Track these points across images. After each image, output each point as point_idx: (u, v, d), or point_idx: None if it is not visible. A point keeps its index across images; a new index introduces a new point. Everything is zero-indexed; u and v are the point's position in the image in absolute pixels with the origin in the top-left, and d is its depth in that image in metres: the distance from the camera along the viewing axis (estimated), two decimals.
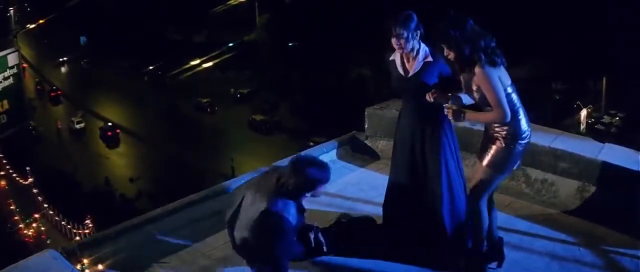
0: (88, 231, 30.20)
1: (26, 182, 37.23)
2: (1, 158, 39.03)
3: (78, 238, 26.18)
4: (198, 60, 51.95)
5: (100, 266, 4.90)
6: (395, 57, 4.70)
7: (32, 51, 60.35)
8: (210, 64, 52.10)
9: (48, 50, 59.87)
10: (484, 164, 4.34)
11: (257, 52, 52.16)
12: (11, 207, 34.74)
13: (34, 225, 33.68)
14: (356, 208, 5.48)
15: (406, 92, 4.74)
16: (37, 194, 35.71)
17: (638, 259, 4.78)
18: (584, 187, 5.57)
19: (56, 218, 33.83)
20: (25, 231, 33.18)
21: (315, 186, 4.25)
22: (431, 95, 4.43)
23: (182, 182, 35.60)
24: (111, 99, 52.07)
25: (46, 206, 34.75)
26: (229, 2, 54.04)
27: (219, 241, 5.13)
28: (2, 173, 38.77)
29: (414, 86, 4.59)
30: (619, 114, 34.58)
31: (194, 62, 51.83)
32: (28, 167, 37.54)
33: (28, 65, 53.18)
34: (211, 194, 5.77)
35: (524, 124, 4.26)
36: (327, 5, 44.48)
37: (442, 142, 4.64)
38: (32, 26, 60.27)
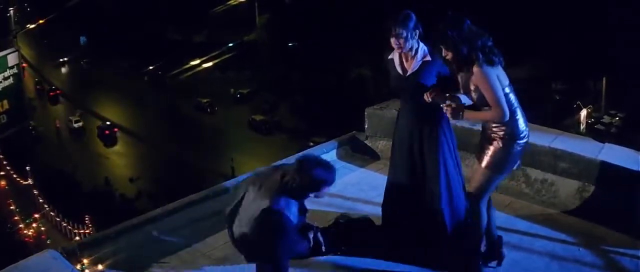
0: (88, 231, 30.20)
1: (26, 182, 37.23)
2: (1, 158, 39.01)
3: (78, 238, 26.18)
4: (198, 61, 51.91)
5: (100, 266, 4.90)
6: (394, 56, 4.70)
7: (32, 51, 60.32)
8: (210, 64, 52.06)
9: (48, 50, 59.84)
10: (483, 165, 4.34)
11: (257, 52, 52.12)
12: (11, 207, 34.74)
13: (34, 225, 33.69)
14: (356, 208, 5.48)
15: (404, 91, 4.74)
16: (37, 194, 35.70)
17: (638, 259, 4.78)
18: (584, 187, 5.58)
19: (56, 218, 33.83)
20: (25, 231, 33.19)
21: (320, 187, 4.23)
22: (429, 94, 4.44)
23: (182, 182, 35.63)
24: (111, 99, 52.05)
25: (46, 206, 34.75)
26: (229, 2, 53.99)
27: (219, 241, 5.13)
28: (2, 173, 38.76)
29: (412, 85, 4.59)
30: (619, 114, 34.55)
31: (194, 62, 51.78)
32: (28, 167, 37.54)
33: (28, 65, 53.11)
34: (211, 194, 5.77)
35: (522, 124, 4.26)
36: (327, 5, 44.43)
37: (441, 142, 4.65)
38: (32, 26, 60.19)
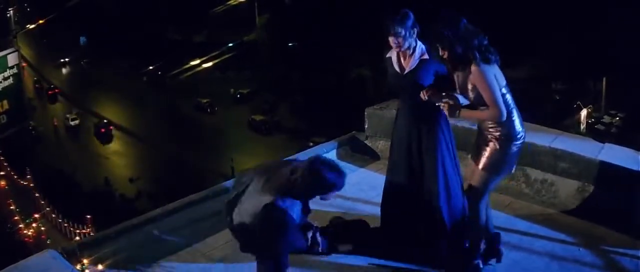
0: (88, 231, 30.19)
1: (26, 183, 37.22)
2: (1, 158, 38.99)
3: (78, 238, 26.16)
4: (198, 61, 51.88)
5: (100, 266, 4.90)
6: (392, 54, 4.70)
7: (32, 51, 60.29)
8: (210, 64, 52.04)
9: (48, 50, 59.84)
10: (480, 167, 4.34)
11: (257, 52, 52.12)
12: (11, 208, 34.72)
13: (33, 225, 33.67)
14: (356, 208, 5.48)
15: (402, 90, 4.74)
16: (37, 194, 35.69)
17: (638, 259, 4.78)
18: (584, 187, 5.57)
19: (56, 218, 33.82)
20: (25, 231, 33.18)
21: (328, 190, 4.20)
22: (425, 93, 4.43)
23: (182, 182, 35.65)
24: (111, 99, 52.06)
25: (46, 206, 34.74)
26: (229, 2, 53.99)
27: (219, 241, 5.13)
28: (2, 173, 38.75)
29: (409, 83, 4.59)
30: (619, 114, 34.57)
31: (193, 62, 51.78)
32: (28, 167, 37.53)
33: (27, 65, 53.10)
34: (211, 194, 5.76)
35: (518, 125, 4.27)
36: (327, 5, 44.44)
37: (439, 141, 4.64)
38: (32, 26, 60.18)
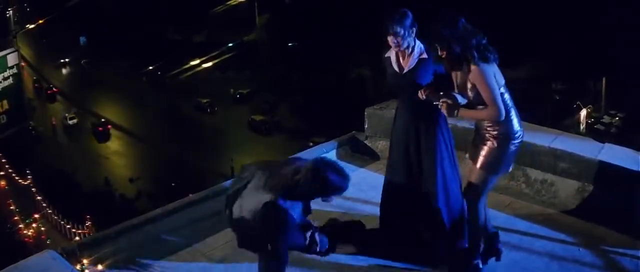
0: (88, 231, 30.18)
1: (26, 183, 37.20)
2: (1, 158, 38.97)
3: (78, 238, 26.14)
4: (198, 61, 51.90)
5: (100, 266, 4.90)
6: (390, 54, 4.70)
7: (32, 51, 60.30)
8: (210, 64, 52.05)
9: (47, 50, 59.84)
10: (478, 166, 4.34)
11: (257, 52, 52.12)
12: (11, 208, 34.69)
13: (33, 225, 33.62)
14: (356, 208, 5.48)
15: (401, 89, 4.74)
16: (36, 194, 35.68)
17: (637, 259, 4.78)
18: (584, 188, 5.58)
19: (56, 218, 33.81)
20: (25, 231, 33.13)
21: (331, 193, 4.18)
22: (423, 92, 4.43)
23: (182, 182, 35.65)
24: (111, 99, 52.06)
25: (46, 206, 34.72)
26: (229, 2, 54.00)
27: (219, 242, 5.13)
28: (2, 173, 38.72)
29: (408, 83, 4.59)
30: (618, 114, 34.58)
31: (193, 62, 51.79)
32: (28, 167, 37.50)
33: (26, 64, 53.07)
34: (211, 194, 5.77)
35: (516, 124, 4.27)
36: (327, 5, 44.44)
37: (438, 140, 4.64)
38: (32, 26, 60.18)
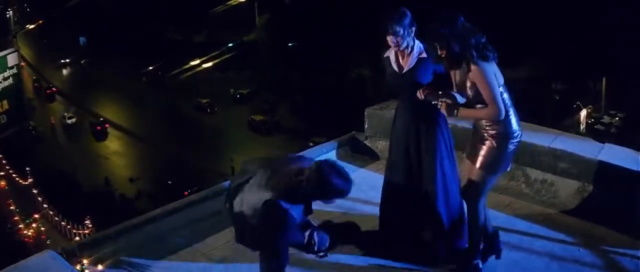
0: (88, 231, 30.18)
1: (26, 183, 37.20)
2: (1, 158, 38.97)
3: (78, 238, 26.15)
4: (198, 61, 51.91)
5: (100, 266, 4.90)
6: (389, 54, 4.70)
7: (32, 51, 60.31)
8: (210, 64, 52.06)
9: (47, 50, 59.84)
10: (477, 166, 4.33)
11: (256, 52, 52.12)
12: (11, 208, 34.70)
13: (33, 225, 33.63)
14: (355, 208, 5.47)
15: (401, 89, 4.73)
16: (37, 195, 35.68)
17: (637, 259, 4.78)
18: (584, 188, 5.58)
19: (56, 218, 33.81)
20: (25, 231, 33.14)
21: (332, 197, 4.14)
22: (422, 92, 4.42)
23: (178, 180, 35.68)
24: (111, 99, 52.07)
25: (46, 206, 34.72)
26: (229, 3, 54.01)
27: (218, 242, 5.13)
28: (2, 173, 38.71)
29: (408, 83, 4.58)
30: (618, 114, 34.58)
31: (193, 63, 51.80)
32: (28, 167, 37.50)
33: (26, 64, 53.09)
34: (211, 194, 5.77)
35: (515, 124, 4.27)
36: (327, 5, 44.43)
37: (438, 140, 4.64)
38: (32, 27, 60.19)
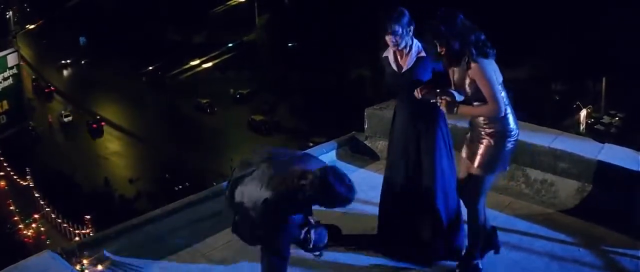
0: (87, 231, 30.19)
1: (26, 183, 37.20)
2: (1, 159, 38.97)
3: (77, 239, 26.15)
4: (198, 61, 51.92)
5: (100, 266, 4.90)
6: (388, 53, 4.69)
7: (32, 51, 60.31)
8: (210, 64, 52.06)
9: (47, 50, 59.84)
10: (475, 165, 4.33)
11: (256, 52, 52.12)
12: (11, 208, 34.69)
13: (33, 225, 33.65)
14: (355, 208, 5.43)
15: (400, 88, 4.72)
16: (36, 195, 35.68)
17: (637, 259, 4.78)
18: (584, 188, 5.58)
19: (56, 219, 33.81)
20: (24, 232, 33.15)
21: (334, 204, 4.07)
22: (420, 91, 4.42)
23: (182, 183, 35.64)
24: (111, 99, 52.05)
25: (46, 206, 34.72)
26: (229, 3, 54.02)
27: (218, 242, 5.13)
28: (1, 174, 38.72)
29: (407, 82, 4.58)
30: (618, 115, 34.59)
31: (193, 63, 51.80)
32: (28, 167, 37.51)
33: (25, 64, 53.09)
34: (211, 194, 5.77)
35: (512, 122, 4.27)
36: (327, 5, 44.43)
37: (437, 140, 4.64)
38: (32, 27, 60.19)
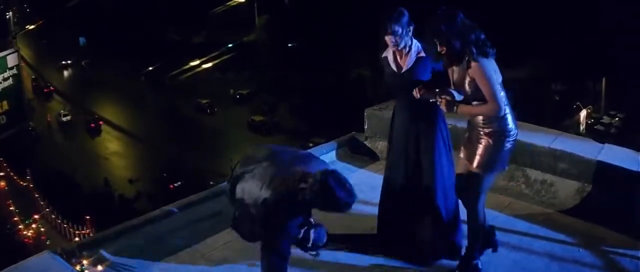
0: (87, 231, 30.19)
1: (25, 183, 37.20)
2: (1, 159, 38.96)
3: (77, 239, 26.15)
4: (197, 61, 51.90)
5: (100, 267, 4.89)
6: (387, 54, 4.69)
7: (32, 52, 60.30)
8: (210, 64, 52.04)
9: (47, 50, 59.82)
10: (474, 165, 4.33)
11: (256, 52, 52.10)
12: (11, 208, 34.69)
13: (33, 226, 33.65)
14: (355, 208, 5.37)
15: (400, 89, 4.71)
16: (36, 195, 35.68)
17: (637, 259, 4.79)
18: (584, 188, 5.58)
19: (56, 219, 33.81)
20: (24, 232, 33.15)
21: (333, 210, 4.06)
22: (418, 91, 4.42)
23: (182, 183, 35.65)
24: (111, 100, 52.03)
25: (46, 206, 34.72)
26: (229, 3, 54.03)
27: (218, 242, 5.13)
28: (1, 174, 38.71)
29: (407, 82, 4.57)
30: (618, 115, 34.60)
31: (193, 63, 51.78)
32: (28, 168, 37.50)
33: (25, 64, 53.09)
34: (210, 194, 5.77)
35: (511, 122, 4.27)
36: (327, 5, 44.43)
37: (437, 140, 4.64)
38: (32, 27, 60.18)
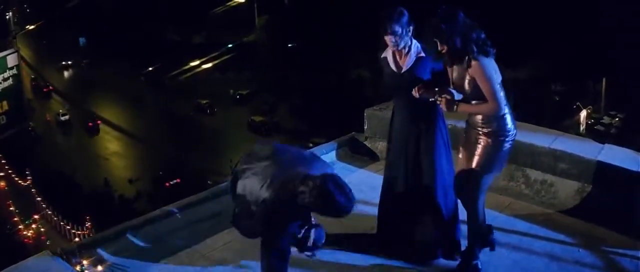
0: (87, 232, 30.19)
1: (25, 183, 37.21)
2: (1, 159, 38.97)
3: (77, 239, 26.15)
4: (197, 61, 51.91)
5: (100, 267, 4.89)
6: (387, 54, 4.68)
7: (31, 52, 60.31)
8: (210, 65, 52.05)
9: (47, 50, 59.83)
10: (474, 165, 4.33)
11: (256, 53, 52.11)
12: (11, 208, 34.70)
13: (33, 226, 33.66)
14: (355, 209, 5.40)
15: (399, 89, 4.70)
16: (36, 195, 35.69)
17: (637, 259, 4.79)
18: (584, 188, 5.57)
19: (56, 219, 33.82)
20: (24, 232, 33.16)
21: (332, 214, 4.01)
22: (418, 90, 4.42)
23: (181, 183, 35.65)
24: (111, 100, 52.02)
25: (46, 207, 34.73)
26: (229, 3, 54.04)
27: (218, 243, 5.13)
28: (1, 174, 38.72)
29: (407, 82, 4.56)
30: (618, 115, 34.63)
31: (193, 63, 51.79)
32: (27, 168, 37.50)
33: (25, 64, 53.09)
34: (210, 195, 5.76)
35: (510, 122, 4.27)
36: (327, 5, 44.44)
37: (437, 140, 4.64)
38: (32, 27, 60.19)
